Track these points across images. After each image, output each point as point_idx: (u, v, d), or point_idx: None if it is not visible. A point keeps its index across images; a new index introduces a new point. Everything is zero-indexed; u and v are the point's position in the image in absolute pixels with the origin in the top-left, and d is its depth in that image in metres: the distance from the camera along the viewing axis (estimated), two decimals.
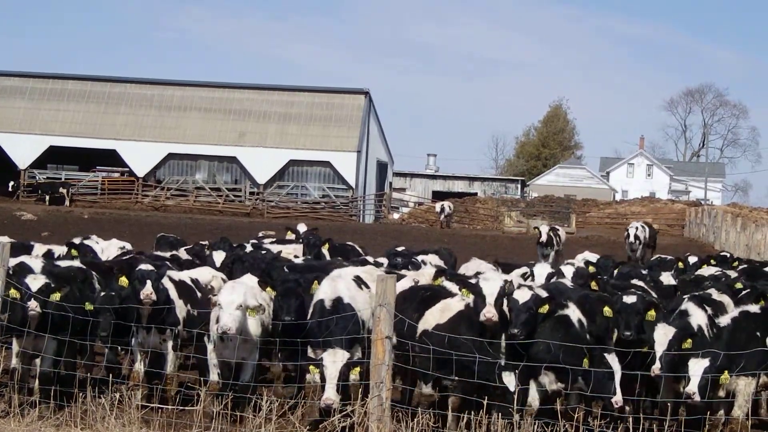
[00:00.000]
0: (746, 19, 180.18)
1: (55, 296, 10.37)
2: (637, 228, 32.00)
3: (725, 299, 11.74)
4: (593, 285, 12.38)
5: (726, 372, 9.61)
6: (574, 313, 10.13)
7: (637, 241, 31.41)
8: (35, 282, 10.43)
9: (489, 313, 9.67)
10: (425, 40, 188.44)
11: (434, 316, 10.32)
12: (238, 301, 10.09)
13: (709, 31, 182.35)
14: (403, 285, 11.49)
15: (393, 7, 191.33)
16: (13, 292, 10.29)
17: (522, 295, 9.87)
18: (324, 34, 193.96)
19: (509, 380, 9.57)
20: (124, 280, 10.86)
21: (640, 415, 9.63)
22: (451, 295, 10.69)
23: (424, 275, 12.75)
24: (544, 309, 9.88)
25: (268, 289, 10.93)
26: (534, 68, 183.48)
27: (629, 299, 10.49)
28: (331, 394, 9.44)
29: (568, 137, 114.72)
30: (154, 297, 10.53)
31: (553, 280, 12.96)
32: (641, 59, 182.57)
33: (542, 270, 14.04)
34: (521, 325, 9.66)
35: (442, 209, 53.68)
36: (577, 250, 22.98)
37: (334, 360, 9.59)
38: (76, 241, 16.07)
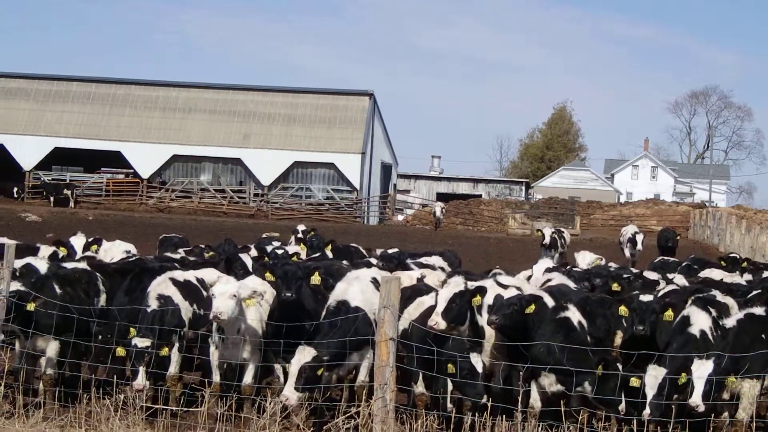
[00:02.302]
0: (750, 21, 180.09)
1: (30, 306, 10.28)
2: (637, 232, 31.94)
3: (730, 301, 11.69)
4: (614, 287, 12.47)
5: (733, 375, 9.56)
6: (574, 315, 10.12)
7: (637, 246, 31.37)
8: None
9: (432, 321, 9.77)
10: (429, 42, 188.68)
11: (410, 313, 10.47)
12: (232, 291, 10.04)
13: (714, 33, 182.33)
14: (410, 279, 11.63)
15: (398, 9, 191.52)
16: None
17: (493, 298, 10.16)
18: (328, 36, 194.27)
19: (476, 361, 9.55)
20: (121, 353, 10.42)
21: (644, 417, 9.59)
22: (429, 292, 10.84)
23: (432, 275, 12.79)
24: (531, 309, 9.84)
25: (267, 274, 10.83)
26: (538, 70, 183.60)
27: (645, 297, 10.57)
28: (287, 392, 9.23)
29: (573, 139, 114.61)
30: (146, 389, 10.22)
31: (552, 282, 12.95)
32: (646, 61, 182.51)
33: (542, 266, 14.25)
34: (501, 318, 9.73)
35: (441, 210, 54.51)
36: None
37: (299, 358, 9.38)
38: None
